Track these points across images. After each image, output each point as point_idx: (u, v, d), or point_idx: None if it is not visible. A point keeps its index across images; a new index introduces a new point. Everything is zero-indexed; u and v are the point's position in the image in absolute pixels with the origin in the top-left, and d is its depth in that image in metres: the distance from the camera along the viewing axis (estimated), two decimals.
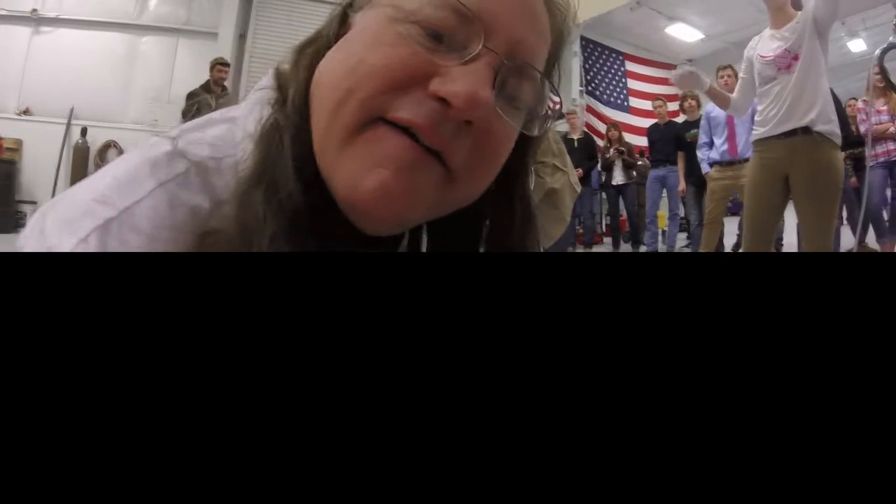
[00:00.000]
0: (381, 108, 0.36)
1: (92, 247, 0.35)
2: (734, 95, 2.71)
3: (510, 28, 0.39)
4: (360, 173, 0.36)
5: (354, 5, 0.43)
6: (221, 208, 0.37)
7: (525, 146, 0.44)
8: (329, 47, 0.42)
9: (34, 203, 5.78)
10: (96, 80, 6.04)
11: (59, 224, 0.37)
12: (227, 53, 5.86)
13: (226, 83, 5.20)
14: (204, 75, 5.22)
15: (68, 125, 5.92)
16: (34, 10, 5.98)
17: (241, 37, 6.42)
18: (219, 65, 5.11)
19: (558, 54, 0.44)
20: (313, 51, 0.42)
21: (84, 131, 5.86)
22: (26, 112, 5.93)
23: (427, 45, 0.37)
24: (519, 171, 0.46)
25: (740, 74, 2.66)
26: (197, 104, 4.82)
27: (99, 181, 0.38)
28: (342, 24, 0.43)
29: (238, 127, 0.41)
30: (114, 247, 0.35)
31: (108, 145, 5.88)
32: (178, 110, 5.30)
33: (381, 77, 0.36)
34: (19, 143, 5.82)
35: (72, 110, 5.92)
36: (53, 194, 5.64)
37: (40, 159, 5.81)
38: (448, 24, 0.37)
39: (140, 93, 6.23)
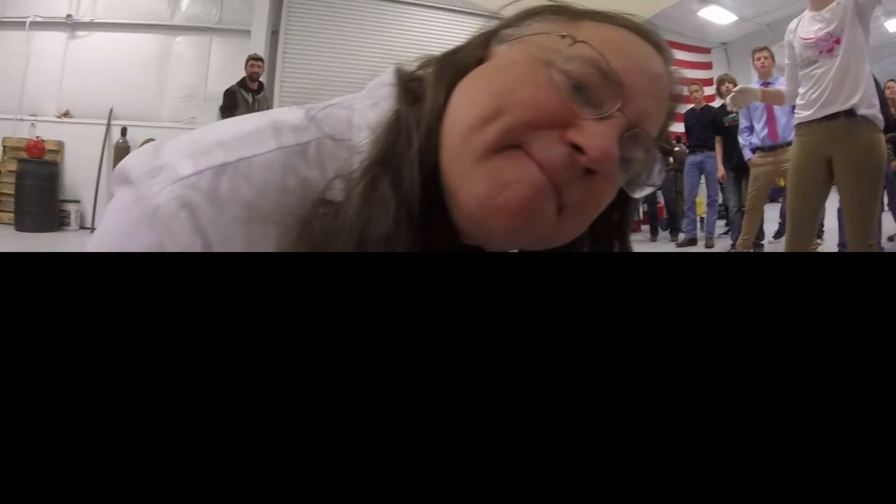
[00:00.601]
0: (520, 139, 0.39)
1: (205, 182, 0.38)
2: (784, 87, 2.68)
3: (641, 100, 0.42)
4: (495, 188, 0.39)
5: (500, 37, 0.46)
6: (338, 184, 0.40)
7: (626, 205, 0.48)
8: (469, 68, 0.45)
9: (77, 202, 5.92)
10: (132, 81, 6.12)
11: (177, 152, 0.40)
12: (260, 50, 5.88)
13: (261, 78, 5.25)
14: (237, 72, 5.27)
15: (108, 125, 6.02)
16: (69, 16, 6.07)
17: (274, 33, 6.44)
18: (252, 59, 5.16)
19: (666, 127, 0.47)
20: (456, 66, 0.46)
21: (124, 131, 5.95)
22: (66, 115, 6.03)
23: (570, 94, 0.40)
24: (622, 225, 0.50)
25: (785, 61, 2.61)
26: (234, 100, 4.89)
27: (222, 129, 0.42)
28: (484, 49, 0.46)
29: (356, 114, 0.44)
30: (224, 189, 0.38)
31: (147, 143, 5.96)
32: (215, 107, 5.36)
33: (530, 112, 0.39)
34: (61, 144, 5.94)
35: (111, 111, 6.03)
36: (96, 193, 5.77)
37: (82, 159, 5.92)
38: (592, 81, 0.40)
39: (175, 92, 6.30)
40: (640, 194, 0.45)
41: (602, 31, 0.44)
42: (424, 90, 0.45)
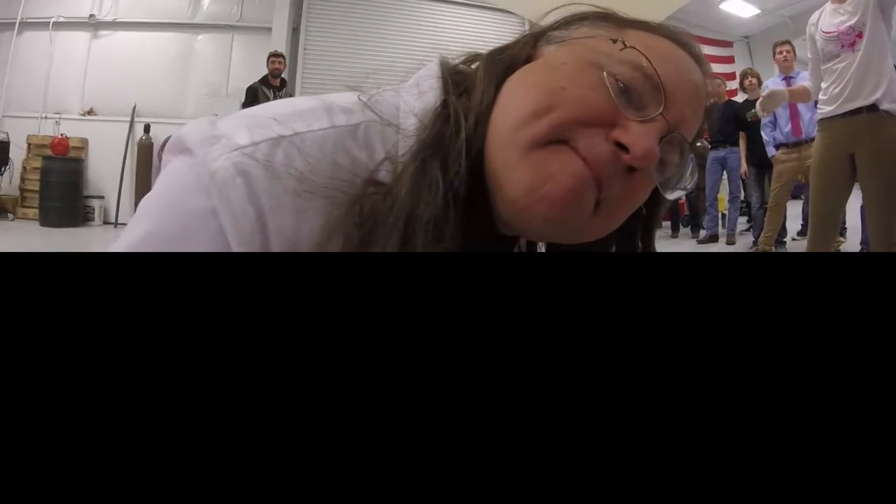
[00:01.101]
0: (568, 135, 0.41)
1: (262, 152, 0.40)
2: (809, 83, 2.65)
3: (682, 106, 0.44)
4: (541, 178, 0.41)
5: (549, 38, 0.48)
6: (386, 165, 0.42)
7: (656, 205, 0.50)
8: (518, 65, 0.47)
9: (101, 197, 6.01)
10: (155, 79, 6.20)
11: (234, 124, 0.42)
12: (281, 47, 5.92)
13: (283, 75, 5.28)
14: (259, 69, 5.32)
15: (132, 123, 6.10)
16: (91, 16, 6.16)
17: (295, 30, 6.48)
18: (273, 56, 5.20)
19: (700, 134, 0.50)
20: (505, 62, 0.48)
21: (147, 128, 6.01)
22: (90, 112, 6.13)
23: (617, 96, 0.42)
24: (649, 223, 0.52)
25: (808, 55, 2.57)
26: (255, 98, 4.92)
27: (277, 107, 0.44)
28: (532, 49, 0.49)
29: (403, 101, 0.46)
30: (280, 160, 0.40)
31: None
32: (237, 104, 5.41)
33: (580, 110, 0.41)
34: (85, 141, 6.04)
35: (134, 108, 6.10)
36: (119, 189, 5.85)
37: (105, 156, 6.02)
38: (637, 85, 0.43)
39: (198, 89, 6.37)
40: (672, 196, 0.47)
41: (647, 39, 0.46)
42: (472, 82, 0.47)
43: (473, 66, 0.50)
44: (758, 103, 2.74)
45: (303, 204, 0.39)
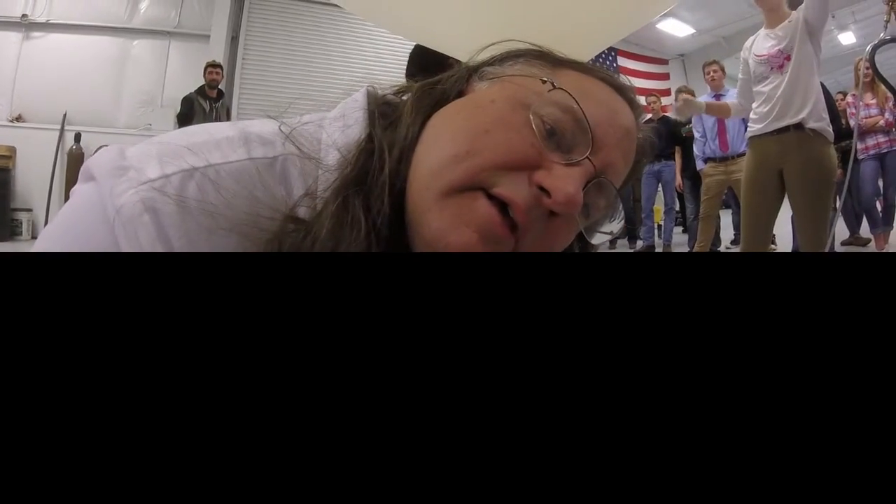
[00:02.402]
0: (488, 181, 0.40)
1: (173, 185, 0.37)
2: (735, 101, 2.76)
3: (611, 151, 0.43)
4: (451, 226, 0.39)
5: (482, 73, 0.48)
6: (307, 201, 0.40)
7: (586, 246, 0.50)
8: (448, 100, 0.46)
9: (29, 210, 5.75)
10: (88, 85, 6.01)
11: (145, 153, 0.39)
12: (219, 56, 5.84)
13: (220, 86, 5.19)
14: (196, 78, 5.21)
15: (62, 131, 5.88)
16: (24, 16, 5.92)
17: (234, 39, 6.39)
18: (211, 67, 5.09)
19: (628, 181, 0.49)
20: (435, 96, 0.47)
21: (78, 137, 5.81)
22: (19, 119, 5.87)
23: (543, 137, 0.41)
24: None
25: (739, 76, 2.68)
26: (191, 108, 4.82)
27: (191, 135, 0.42)
28: (465, 83, 0.47)
29: (325, 133, 0.44)
30: (192, 193, 0.37)
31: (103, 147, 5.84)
32: (172, 114, 5.29)
33: (502, 155, 0.40)
34: (12, 150, 5.76)
35: (65, 116, 5.89)
36: (49, 202, 5.62)
37: (34, 166, 5.75)
38: (565, 127, 0.42)
39: (132, 97, 6.20)
40: (597, 241, 0.46)
41: (581, 80, 0.45)
42: (400, 115, 0.45)
43: (404, 98, 0.48)
44: (674, 108, 2.84)
45: (217, 241, 0.37)
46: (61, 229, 0.39)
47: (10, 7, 5.93)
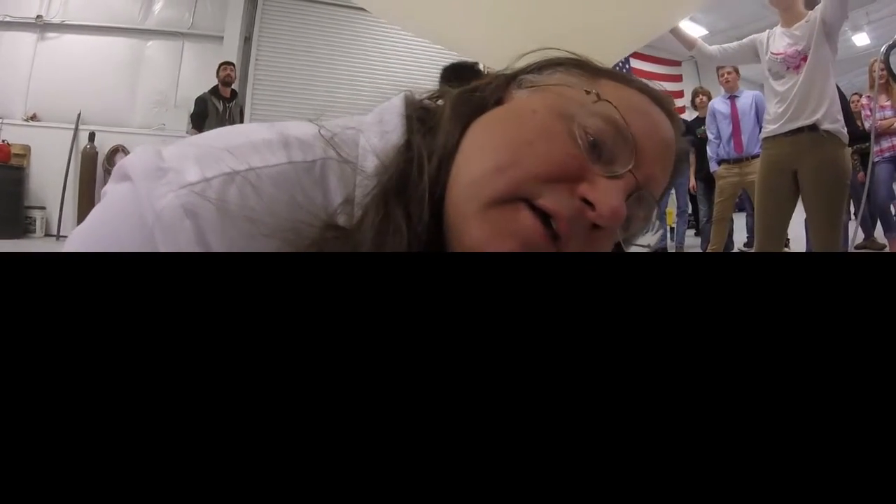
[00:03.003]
0: (531, 192, 0.39)
1: (213, 189, 0.36)
2: (714, 47, 2.79)
3: (652, 164, 0.43)
4: (492, 238, 0.39)
5: (521, 82, 0.47)
6: (346, 208, 0.39)
7: None
8: (486, 108, 0.45)
9: (43, 208, 5.80)
10: (102, 85, 6.05)
11: (183, 155, 0.38)
12: (232, 57, 5.86)
13: (233, 86, 5.21)
14: (209, 79, 5.23)
15: (76, 130, 5.92)
16: (39, 17, 5.97)
17: (247, 40, 6.42)
18: (224, 65, 5.12)
19: (666, 191, 0.48)
20: (473, 104, 0.46)
21: (92, 136, 5.86)
22: (33, 118, 5.92)
23: (586, 149, 0.40)
24: None
25: (739, 43, 2.72)
26: (205, 108, 4.85)
27: (231, 136, 0.41)
28: (503, 91, 0.47)
29: (363, 137, 0.43)
30: (233, 197, 0.36)
31: (115, 150, 5.88)
32: (185, 114, 5.32)
33: (545, 167, 0.40)
34: (27, 148, 5.82)
35: (79, 115, 5.93)
36: (62, 200, 5.67)
37: (48, 165, 5.80)
38: (608, 139, 0.41)
39: (146, 97, 6.24)
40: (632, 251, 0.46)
41: (621, 91, 0.44)
42: (438, 122, 0.45)
43: (440, 103, 0.48)
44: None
45: (257, 247, 0.36)
46: (95, 230, 0.39)
47: (25, 8, 5.98)
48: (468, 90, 0.47)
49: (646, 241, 0.46)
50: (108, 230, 0.38)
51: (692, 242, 5.83)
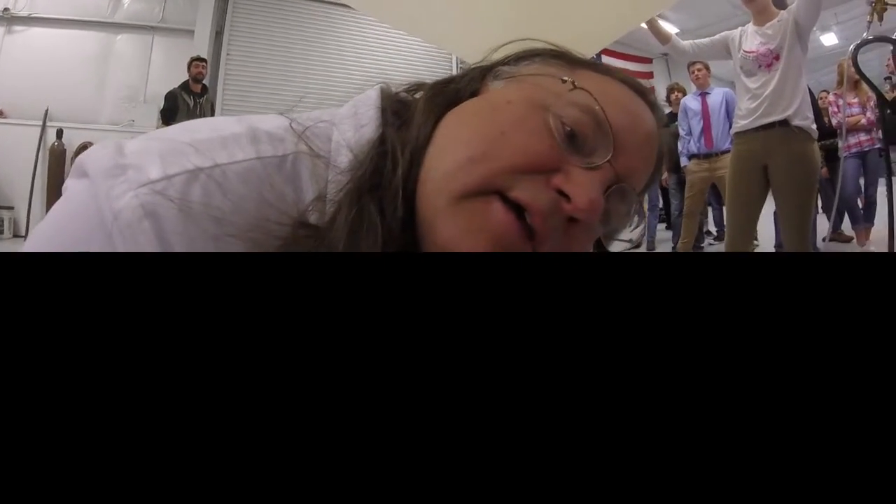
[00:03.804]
0: (504, 185, 0.38)
1: (175, 186, 0.34)
2: (687, 42, 2.88)
3: (632, 155, 0.42)
4: (462, 234, 0.38)
5: (497, 73, 0.46)
6: (318, 205, 0.38)
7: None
8: (461, 99, 0.44)
9: (11, 208, 5.67)
10: (70, 81, 5.92)
11: (146, 150, 0.36)
12: (203, 51, 5.78)
13: (205, 81, 5.14)
14: (180, 73, 5.16)
15: (43, 127, 5.79)
16: (6, 9, 5.82)
17: (218, 34, 6.33)
18: (196, 61, 5.04)
19: (648, 186, 0.47)
20: (448, 95, 0.45)
21: (60, 133, 5.74)
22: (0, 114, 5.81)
23: (562, 140, 0.39)
24: None
25: (710, 39, 2.78)
26: (175, 104, 4.78)
27: (197, 130, 0.39)
28: (479, 82, 0.46)
29: (337, 131, 0.42)
30: (196, 197, 0.34)
31: (84, 146, 5.76)
32: (155, 109, 5.24)
33: (520, 157, 0.38)
34: None
35: (46, 111, 5.80)
36: (30, 199, 5.55)
37: (15, 163, 5.66)
38: (586, 130, 0.40)
39: (115, 92, 6.13)
40: (608, 248, 0.45)
41: (600, 82, 0.43)
42: (412, 114, 0.43)
43: (417, 96, 0.46)
44: None
45: (223, 248, 0.34)
46: (53, 231, 0.37)
47: None
48: (443, 82, 0.46)
49: (627, 237, 0.45)
50: (67, 231, 0.36)
51: (663, 236, 5.89)
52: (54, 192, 5.51)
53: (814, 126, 2.49)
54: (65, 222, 0.37)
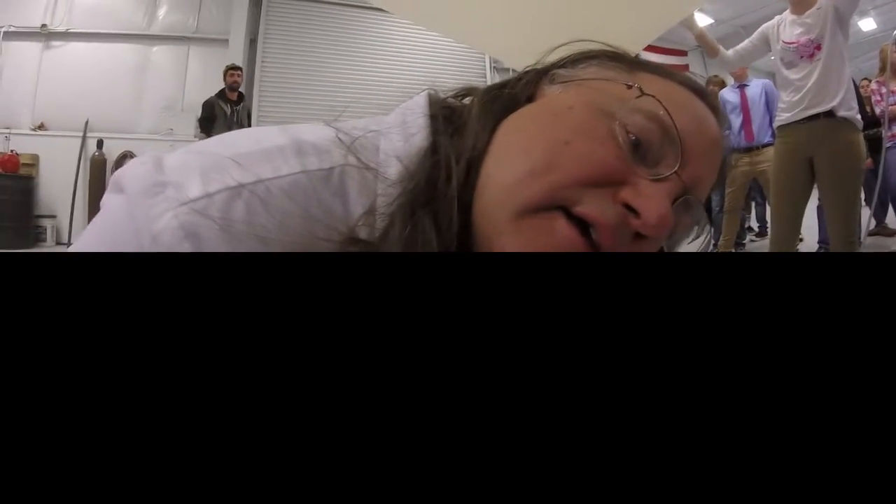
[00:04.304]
0: (569, 199, 0.36)
1: (216, 205, 0.33)
2: (730, 51, 2.78)
3: (700, 164, 0.39)
4: (527, 251, 0.36)
5: (554, 77, 0.43)
6: (368, 219, 0.36)
7: None
8: (517, 105, 0.42)
9: (53, 217, 5.82)
10: (109, 92, 6.04)
11: (185, 165, 0.35)
12: (238, 59, 5.85)
13: (240, 88, 5.21)
14: (216, 82, 5.23)
15: (84, 138, 5.93)
16: (44, 26, 5.97)
17: (252, 42, 6.42)
18: (231, 69, 5.11)
19: (712, 192, 0.45)
20: (503, 101, 0.42)
21: (100, 143, 5.87)
22: (41, 127, 5.93)
23: (628, 150, 0.37)
24: None
25: (750, 40, 2.71)
26: (212, 112, 4.85)
27: (239, 143, 0.37)
28: (535, 87, 0.43)
29: (384, 140, 0.40)
30: (239, 214, 0.33)
31: (124, 156, 5.89)
32: (193, 118, 5.32)
33: (586, 169, 0.36)
34: (36, 158, 5.83)
35: (87, 123, 5.94)
36: (72, 208, 5.69)
37: (57, 173, 5.80)
38: (651, 138, 0.38)
39: (153, 102, 6.24)
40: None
41: (663, 85, 0.41)
42: (465, 121, 0.41)
43: (465, 101, 0.44)
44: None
45: None
46: (90, 248, 0.36)
47: (29, 17, 5.97)
48: (497, 87, 0.44)
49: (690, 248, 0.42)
50: (103, 250, 0.34)
51: None
52: (95, 200, 5.62)
53: (858, 116, 2.43)
54: (103, 241, 0.35)
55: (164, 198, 0.33)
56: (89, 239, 0.36)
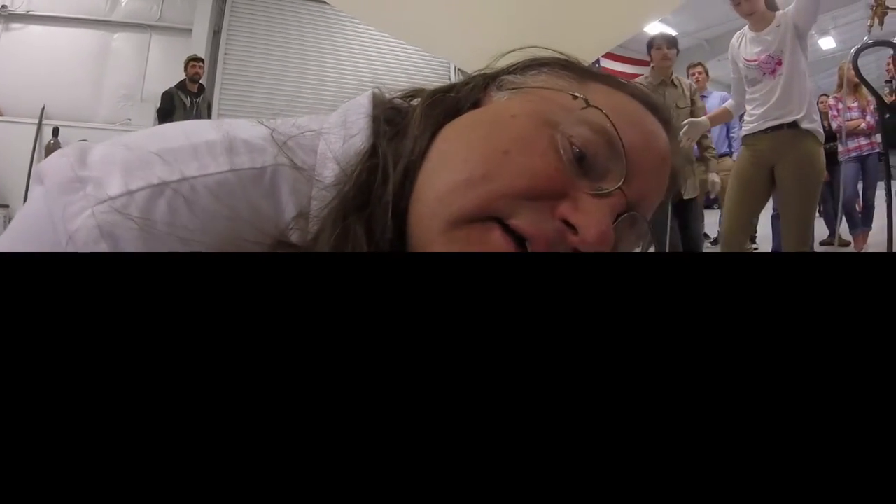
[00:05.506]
0: (505, 211, 0.35)
1: (137, 203, 0.31)
2: (730, 102, 2.88)
3: (646, 179, 0.38)
4: None
5: (502, 83, 0.42)
6: (300, 222, 0.35)
7: None
8: (461, 110, 0.41)
9: (6, 206, 5.64)
10: (67, 79, 5.90)
11: (108, 161, 0.33)
12: (200, 50, 5.78)
13: (202, 80, 5.13)
14: (177, 72, 5.15)
15: (39, 125, 5.76)
16: (3, 7, 5.81)
17: (216, 33, 6.32)
18: (193, 61, 5.04)
19: (660, 210, 0.44)
20: (447, 105, 0.41)
21: (56, 131, 5.71)
22: None
23: (569, 162, 0.36)
24: None
25: (731, 75, 2.77)
26: (171, 103, 4.77)
27: (169, 136, 0.36)
28: (481, 92, 0.42)
29: (323, 142, 0.39)
30: (161, 213, 0.32)
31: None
32: (153, 108, 5.22)
33: (524, 180, 0.35)
34: None
35: (43, 109, 5.77)
36: (26, 197, 5.50)
37: (11, 161, 5.60)
38: (597, 151, 0.37)
39: (112, 91, 6.10)
40: None
41: (613, 97, 0.40)
42: (407, 124, 0.40)
43: (414, 103, 0.43)
44: (682, 133, 2.81)
45: None
46: (9, 245, 0.34)
47: None
48: (443, 90, 0.43)
49: None
50: (22, 248, 0.33)
51: None
52: None
53: (820, 129, 2.53)
54: (21, 237, 0.34)
55: (82, 195, 0.32)
56: (10, 234, 0.35)
